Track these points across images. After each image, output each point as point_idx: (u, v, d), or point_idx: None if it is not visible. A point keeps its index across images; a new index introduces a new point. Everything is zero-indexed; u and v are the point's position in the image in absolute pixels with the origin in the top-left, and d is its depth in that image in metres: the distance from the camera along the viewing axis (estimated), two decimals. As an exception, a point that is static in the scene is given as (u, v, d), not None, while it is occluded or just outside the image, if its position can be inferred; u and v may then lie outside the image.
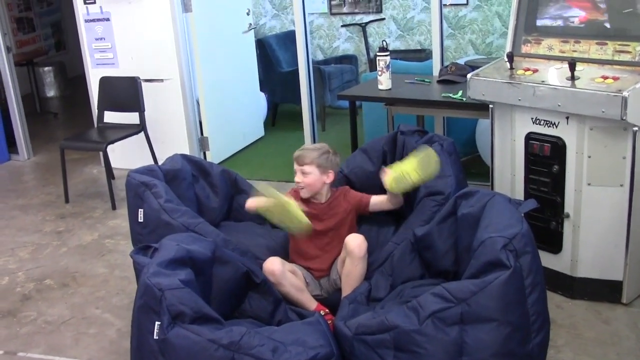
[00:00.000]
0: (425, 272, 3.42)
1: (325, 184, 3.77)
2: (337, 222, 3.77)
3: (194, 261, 2.94)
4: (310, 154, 3.73)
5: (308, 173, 3.71)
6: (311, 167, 3.71)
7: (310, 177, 3.72)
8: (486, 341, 2.69)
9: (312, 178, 3.72)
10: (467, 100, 4.42)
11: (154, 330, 2.63)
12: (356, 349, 2.85)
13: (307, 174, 3.71)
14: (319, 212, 3.76)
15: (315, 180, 3.73)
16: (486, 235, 2.85)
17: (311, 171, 3.71)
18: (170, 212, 3.69)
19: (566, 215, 3.85)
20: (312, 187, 3.74)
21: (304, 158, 3.72)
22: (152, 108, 6.36)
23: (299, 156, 3.75)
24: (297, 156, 3.76)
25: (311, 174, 3.71)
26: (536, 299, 2.82)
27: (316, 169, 3.71)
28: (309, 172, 3.71)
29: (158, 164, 4.36)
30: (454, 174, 3.75)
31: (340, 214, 3.79)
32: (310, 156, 3.72)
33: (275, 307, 3.19)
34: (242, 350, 2.56)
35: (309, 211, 3.67)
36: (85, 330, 4.02)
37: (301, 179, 3.73)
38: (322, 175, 3.73)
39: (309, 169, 3.71)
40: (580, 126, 3.68)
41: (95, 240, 5.31)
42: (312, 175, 3.71)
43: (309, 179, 3.72)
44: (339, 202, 3.81)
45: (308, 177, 3.72)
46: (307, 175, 3.71)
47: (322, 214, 3.76)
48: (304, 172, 3.71)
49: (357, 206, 3.83)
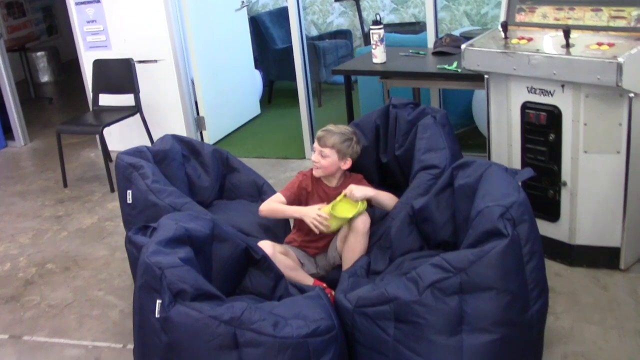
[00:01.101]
0: (424, 244, 3.44)
1: (340, 170, 3.76)
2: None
3: (193, 239, 2.96)
4: (333, 138, 3.70)
5: (327, 156, 3.69)
6: (331, 151, 3.69)
7: (328, 160, 3.70)
8: (485, 310, 2.71)
9: (329, 161, 3.70)
10: (462, 71, 4.42)
11: (156, 309, 2.65)
12: (357, 321, 2.89)
13: (325, 156, 3.69)
14: (327, 196, 3.76)
15: (332, 164, 3.71)
16: (483, 204, 2.87)
17: (330, 154, 3.69)
18: (157, 193, 3.73)
19: (563, 183, 3.87)
20: (327, 170, 3.73)
21: (326, 140, 3.70)
22: (147, 89, 6.36)
23: (321, 137, 3.72)
24: (320, 136, 3.73)
25: (329, 157, 3.69)
26: (534, 267, 2.84)
27: (335, 154, 3.69)
28: (327, 154, 3.69)
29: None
30: (448, 147, 3.74)
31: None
32: (333, 140, 3.69)
33: (276, 282, 3.21)
34: (243, 326, 2.58)
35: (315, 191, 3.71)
36: (89, 313, 4.05)
37: (318, 160, 3.71)
38: (339, 160, 3.71)
39: (329, 152, 3.69)
40: (576, 94, 3.69)
41: (95, 223, 5.33)
42: (330, 159, 3.70)
43: (326, 162, 3.70)
44: None
45: (326, 160, 3.70)
46: (326, 157, 3.69)
47: (331, 198, 3.74)
48: (323, 154, 3.69)
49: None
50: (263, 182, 4.38)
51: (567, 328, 3.44)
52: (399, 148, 3.95)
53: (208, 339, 2.58)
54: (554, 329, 3.42)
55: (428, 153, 3.71)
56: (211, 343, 2.58)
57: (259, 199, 4.25)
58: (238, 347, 2.59)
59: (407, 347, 2.78)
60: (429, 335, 2.74)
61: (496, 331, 2.72)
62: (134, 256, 3.14)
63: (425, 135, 3.80)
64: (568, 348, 3.30)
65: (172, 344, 2.64)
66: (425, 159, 3.70)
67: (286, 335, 2.61)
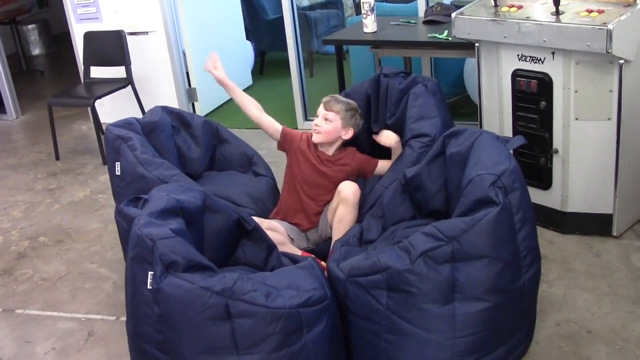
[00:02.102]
0: (417, 213, 3.42)
1: (340, 139, 3.75)
2: (339, 176, 3.72)
3: (185, 211, 2.93)
4: (340, 105, 3.72)
5: (330, 120, 3.70)
6: (336, 116, 3.69)
7: (331, 126, 3.70)
8: (478, 278, 2.70)
9: (332, 127, 3.70)
10: (453, 39, 4.37)
11: (147, 280, 2.63)
12: (350, 291, 2.87)
13: (329, 121, 3.70)
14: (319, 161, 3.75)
15: (334, 130, 3.71)
16: (474, 173, 2.86)
17: (334, 120, 3.69)
18: (146, 165, 3.70)
19: (555, 150, 3.85)
20: (328, 136, 3.72)
21: (332, 105, 3.71)
22: (138, 61, 6.30)
23: (328, 101, 3.74)
24: (326, 101, 3.74)
25: (333, 122, 3.70)
26: (526, 235, 2.83)
27: (340, 121, 3.70)
28: (332, 119, 3.69)
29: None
30: (440, 115, 3.72)
31: (344, 172, 3.75)
32: (339, 106, 3.71)
33: (268, 253, 3.19)
34: (235, 296, 2.56)
35: (310, 153, 3.73)
36: (82, 285, 4.04)
37: (321, 124, 3.71)
38: (342, 128, 3.71)
39: (333, 117, 3.69)
40: (566, 61, 3.67)
41: (87, 196, 5.31)
42: (333, 124, 3.70)
43: (329, 127, 3.70)
44: (346, 162, 3.78)
45: (329, 124, 3.70)
46: (329, 122, 3.70)
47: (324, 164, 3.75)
48: (327, 118, 3.70)
49: (363, 168, 3.81)
50: (253, 153, 4.35)
51: (560, 295, 3.44)
52: (390, 117, 3.92)
53: (200, 310, 2.56)
54: (547, 296, 3.42)
55: (419, 121, 3.69)
56: (203, 314, 2.56)
57: (249, 170, 4.23)
58: (230, 318, 2.57)
59: (400, 316, 2.76)
60: (421, 304, 2.73)
61: (489, 299, 2.71)
62: (124, 228, 3.12)
63: (416, 103, 3.77)
64: (561, 315, 3.30)
65: (164, 315, 2.62)
66: (416, 127, 3.68)
67: (278, 305, 2.59)
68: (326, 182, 3.74)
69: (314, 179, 3.75)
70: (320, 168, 3.73)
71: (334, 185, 3.68)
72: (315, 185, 3.75)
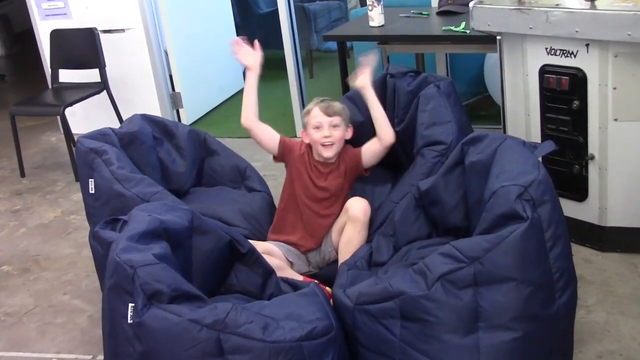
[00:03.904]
0: (433, 231, 3.44)
1: (343, 142, 3.75)
2: (338, 184, 3.74)
3: (170, 233, 2.95)
4: (337, 104, 3.70)
5: (337, 125, 3.67)
6: (339, 119, 3.67)
7: (340, 131, 3.68)
8: (504, 304, 2.70)
9: (341, 132, 3.69)
10: (471, 32, 4.40)
11: (128, 313, 2.64)
12: (358, 320, 2.88)
13: (337, 126, 3.66)
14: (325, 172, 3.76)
15: (342, 136, 3.70)
16: (498, 184, 2.86)
17: (339, 124, 3.67)
18: (123, 182, 3.70)
19: (590, 156, 3.86)
20: (339, 144, 3.70)
21: (334, 107, 3.68)
22: (114, 63, 6.33)
23: (329, 106, 3.68)
24: (326, 106, 3.68)
25: (339, 127, 3.68)
26: (559, 254, 2.83)
27: (342, 122, 3.69)
28: (337, 124, 3.67)
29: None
30: (455, 119, 3.73)
31: (342, 174, 3.76)
32: (339, 107, 3.69)
33: (265, 279, 3.19)
34: (228, 330, 2.57)
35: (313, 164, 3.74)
36: (52, 320, 4.04)
37: (331, 133, 3.66)
38: (345, 131, 3.72)
39: (338, 121, 3.67)
40: (603, 54, 3.67)
41: (58, 217, 5.33)
42: (340, 129, 3.68)
43: (340, 133, 3.68)
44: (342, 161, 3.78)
45: (338, 131, 3.67)
46: (337, 128, 3.67)
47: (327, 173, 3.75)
48: (334, 124, 3.66)
49: (355, 162, 3.80)
50: (246, 165, 4.37)
51: (601, 323, 3.43)
52: (399, 123, 3.94)
53: (188, 345, 2.57)
54: (585, 323, 3.42)
55: (432, 127, 3.70)
56: (192, 350, 2.57)
57: (241, 185, 4.25)
58: (223, 354, 2.58)
59: (416, 349, 2.77)
60: (440, 334, 2.73)
61: (517, 328, 2.71)
62: (100, 254, 3.13)
63: (427, 107, 3.78)
64: (602, 346, 3.29)
65: (148, 352, 2.63)
66: (429, 134, 3.69)
67: (277, 339, 2.59)
68: (327, 194, 3.75)
69: (314, 192, 3.75)
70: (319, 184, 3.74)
71: (337, 195, 3.71)
72: (317, 199, 3.76)
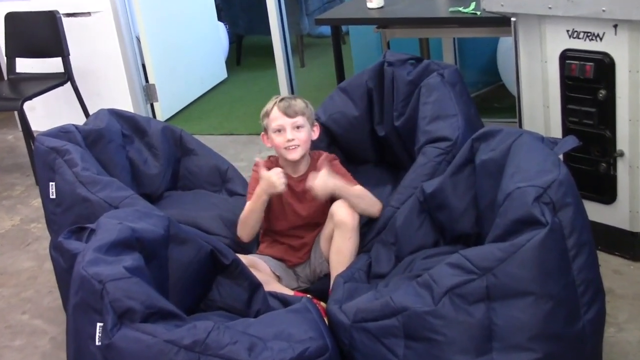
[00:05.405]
0: (440, 238, 3.44)
1: (309, 143, 3.74)
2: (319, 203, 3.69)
3: (143, 242, 2.94)
4: (299, 103, 3.68)
5: (301, 126, 3.66)
6: (304, 119, 3.66)
7: (305, 132, 3.67)
8: (521, 321, 2.69)
9: (306, 133, 3.68)
10: (482, 14, 4.40)
11: (96, 334, 2.64)
12: (356, 340, 2.88)
13: (301, 127, 3.66)
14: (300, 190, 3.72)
15: (308, 137, 3.70)
16: (513, 185, 2.86)
17: (304, 124, 3.67)
18: (88, 185, 3.70)
19: (619, 153, 3.85)
20: (305, 146, 3.69)
21: (296, 106, 3.66)
22: (79, 51, 6.34)
23: (289, 106, 3.66)
24: (286, 106, 3.66)
25: (304, 127, 3.67)
26: (584, 264, 2.82)
27: (307, 122, 3.68)
28: (302, 124, 3.66)
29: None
30: (461, 112, 3.74)
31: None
32: (301, 106, 3.67)
33: (251, 293, 3.19)
34: (209, 351, 2.56)
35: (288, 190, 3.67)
36: (9, 343, 4.03)
37: (295, 136, 3.65)
38: (310, 130, 3.72)
39: (302, 121, 3.66)
40: (634, 36, 3.65)
41: (16, 226, 5.33)
42: (305, 130, 3.68)
43: (304, 135, 3.67)
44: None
45: (302, 132, 3.67)
46: (301, 129, 3.66)
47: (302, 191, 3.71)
48: (298, 125, 3.66)
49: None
50: (227, 166, 4.38)
51: (634, 342, 3.43)
52: (399, 117, 3.95)
53: (164, 370, 2.57)
54: (617, 343, 3.41)
55: (435, 122, 3.71)
56: (168, 375, 2.57)
57: (222, 188, 4.25)
58: (204, 379, 2.59)
59: (422, 372, 2.77)
60: (449, 355, 2.73)
61: (537, 349, 2.70)
62: (62, 267, 3.12)
63: (430, 99, 3.80)
64: (636, 368, 3.30)
65: (118, 378, 2.63)
66: (432, 129, 3.70)
67: (265, 361, 2.60)
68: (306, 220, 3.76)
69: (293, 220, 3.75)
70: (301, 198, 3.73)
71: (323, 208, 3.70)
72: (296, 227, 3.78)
